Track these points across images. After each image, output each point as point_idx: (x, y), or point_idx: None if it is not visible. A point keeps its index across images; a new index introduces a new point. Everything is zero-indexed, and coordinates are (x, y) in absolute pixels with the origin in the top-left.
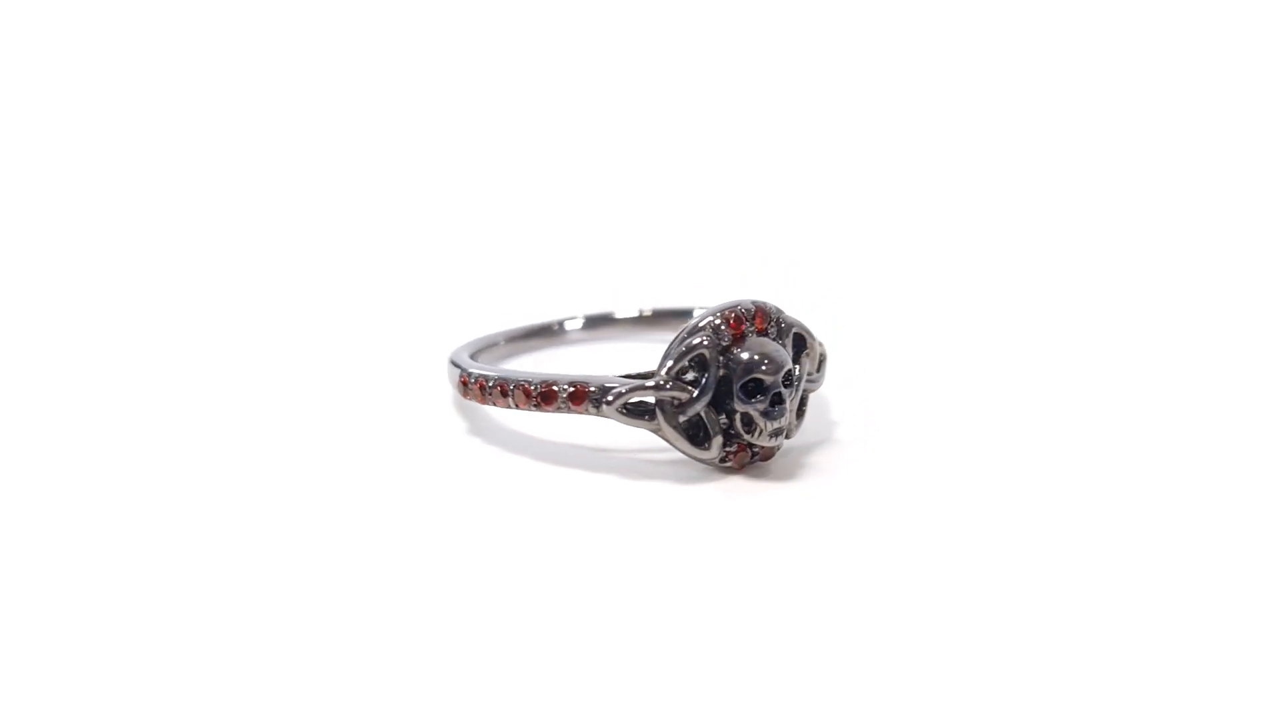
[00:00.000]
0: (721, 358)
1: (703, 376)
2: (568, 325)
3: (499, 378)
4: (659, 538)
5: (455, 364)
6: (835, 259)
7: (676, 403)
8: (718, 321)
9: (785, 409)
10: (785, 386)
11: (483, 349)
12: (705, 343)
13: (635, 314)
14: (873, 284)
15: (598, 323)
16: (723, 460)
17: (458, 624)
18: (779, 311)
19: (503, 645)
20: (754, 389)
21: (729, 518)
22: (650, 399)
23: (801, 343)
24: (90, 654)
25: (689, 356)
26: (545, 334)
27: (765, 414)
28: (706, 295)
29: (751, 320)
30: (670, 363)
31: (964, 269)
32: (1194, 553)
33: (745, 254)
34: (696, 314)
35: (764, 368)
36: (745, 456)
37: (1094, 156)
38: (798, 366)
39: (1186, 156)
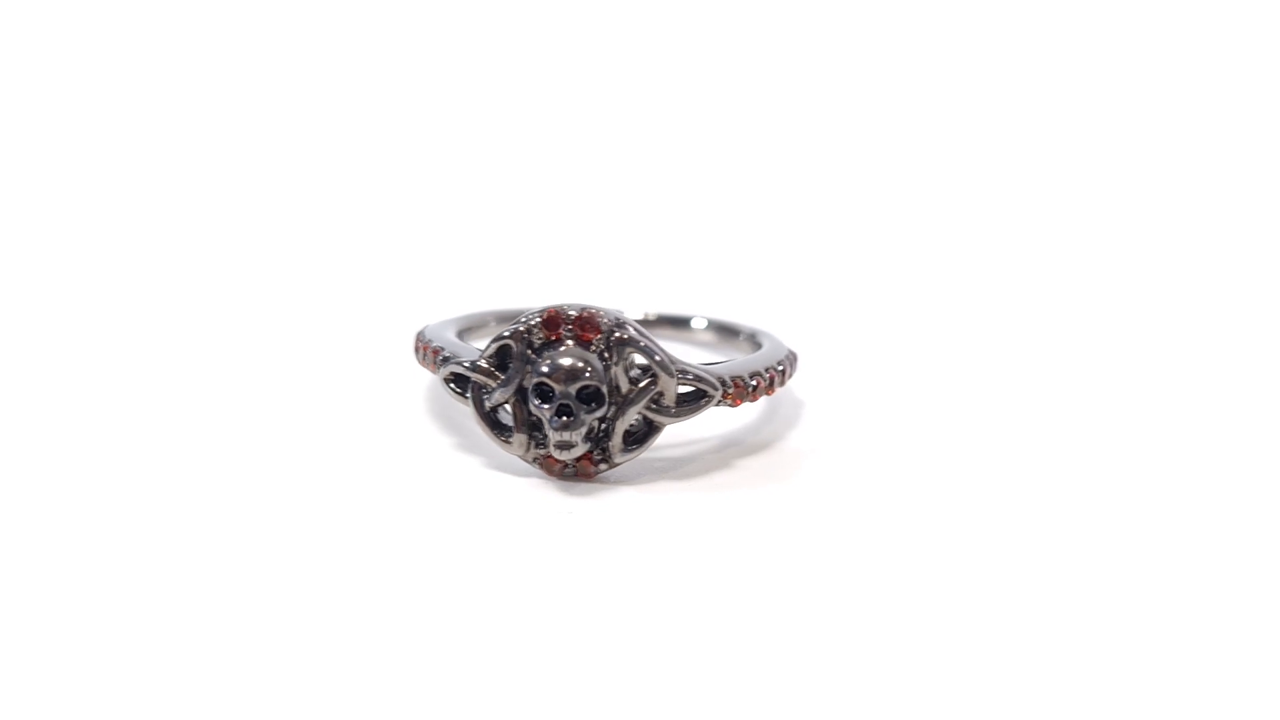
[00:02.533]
0: (530, 353)
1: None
2: None
3: (421, 337)
4: (644, 534)
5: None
6: (833, 260)
7: (486, 389)
8: (536, 320)
9: (573, 424)
10: (586, 404)
11: (474, 326)
12: (520, 334)
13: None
14: (867, 287)
15: None
16: (534, 461)
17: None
18: (621, 329)
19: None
20: (546, 394)
21: (726, 516)
22: (469, 377)
23: (647, 370)
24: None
25: (497, 345)
26: None
27: (551, 423)
28: (707, 298)
29: (570, 326)
30: (485, 348)
31: (956, 273)
32: (1186, 553)
33: (746, 256)
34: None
35: (554, 375)
36: (555, 466)
37: (1084, 162)
38: (634, 389)
39: (1176, 163)
